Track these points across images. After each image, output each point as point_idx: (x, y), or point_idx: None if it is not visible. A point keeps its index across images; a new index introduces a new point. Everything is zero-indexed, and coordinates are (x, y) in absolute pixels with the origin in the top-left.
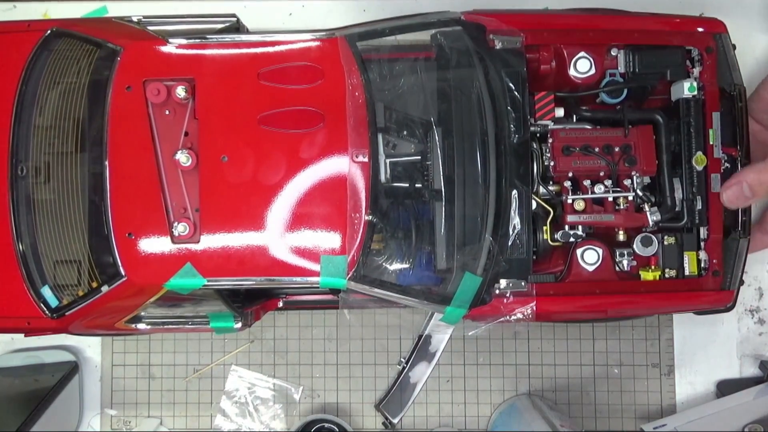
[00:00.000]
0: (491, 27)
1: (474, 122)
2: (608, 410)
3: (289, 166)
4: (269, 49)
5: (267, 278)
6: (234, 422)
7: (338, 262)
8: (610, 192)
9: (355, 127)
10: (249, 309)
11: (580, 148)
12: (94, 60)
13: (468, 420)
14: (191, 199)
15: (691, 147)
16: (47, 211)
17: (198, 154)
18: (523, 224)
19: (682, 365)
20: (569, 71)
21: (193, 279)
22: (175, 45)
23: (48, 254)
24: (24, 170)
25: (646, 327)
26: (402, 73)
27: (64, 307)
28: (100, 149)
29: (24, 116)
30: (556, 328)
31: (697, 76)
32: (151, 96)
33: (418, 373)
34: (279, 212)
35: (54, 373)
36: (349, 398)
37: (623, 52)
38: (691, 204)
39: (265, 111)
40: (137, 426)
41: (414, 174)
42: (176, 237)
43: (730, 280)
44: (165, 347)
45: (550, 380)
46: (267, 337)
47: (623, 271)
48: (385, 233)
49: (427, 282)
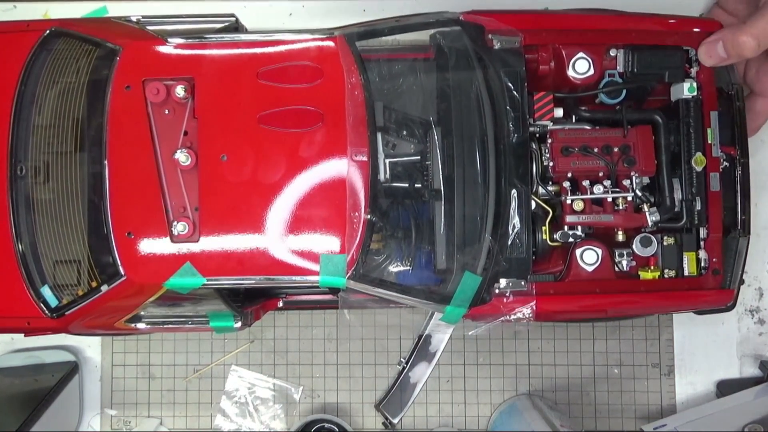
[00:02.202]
0: (490, 27)
1: (473, 122)
2: (608, 410)
3: (288, 165)
4: (269, 48)
5: (266, 277)
6: (234, 422)
7: (337, 262)
8: (609, 192)
9: (354, 126)
10: (249, 308)
11: (579, 148)
12: (93, 60)
13: (468, 420)
14: (190, 199)
15: (691, 147)
16: (47, 211)
17: (197, 153)
18: (523, 224)
19: (682, 365)
20: (568, 72)
21: (193, 278)
22: (174, 45)
23: (47, 254)
24: (23, 170)
25: (646, 327)
26: (401, 73)
27: (64, 306)
28: (99, 149)
29: (23, 116)
30: (556, 328)
31: (694, 76)
32: (151, 95)
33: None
34: (278, 211)
35: (54, 373)
36: (349, 398)
37: (622, 52)
38: (690, 204)
39: (265, 110)
40: (137, 426)
41: (413, 174)
42: (176, 236)
43: (731, 279)
44: (165, 347)
45: (550, 380)
46: (267, 337)
47: (622, 271)
48: (384, 232)
49: (427, 281)
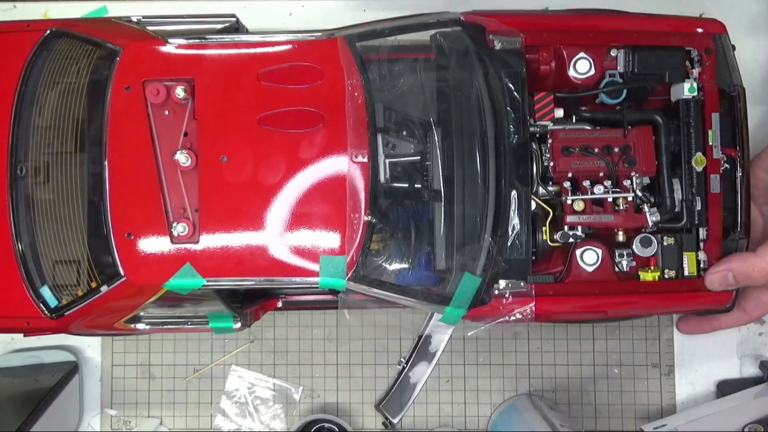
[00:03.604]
0: (491, 27)
1: (473, 123)
2: (608, 410)
3: (288, 166)
4: (269, 49)
5: (266, 278)
6: (234, 422)
7: (337, 263)
8: (609, 192)
9: (354, 127)
10: (248, 309)
11: (580, 148)
12: (93, 60)
13: (468, 420)
14: (190, 200)
15: (691, 148)
16: (46, 211)
17: (197, 154)
18: (523, 225)
19: (682, 365)
20: (569, 72)
21: (193, 279)
22: (174, 45)
23: (47, 254)
24: (23, 170)
25: (646, 327)
26: (401, 74)
27: (64, 307)
28: (99, 149)
29: (23, 116)
30: (556, 328)
31: (696, 77)
32: (151, 96)
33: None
34: (278, 212)
35: (54, 373)
36: (349, 398)
37: (623, 52)
38: (690, 205)
39: (265, 111)
40: (137, 426)
41: (413, 174)
42: (175, 237)
43: None
44: (165, 347)
45: (550, 380)
46: (267, 337)
47: (623, 271)
48: (384, 233)
49: (427, 282)
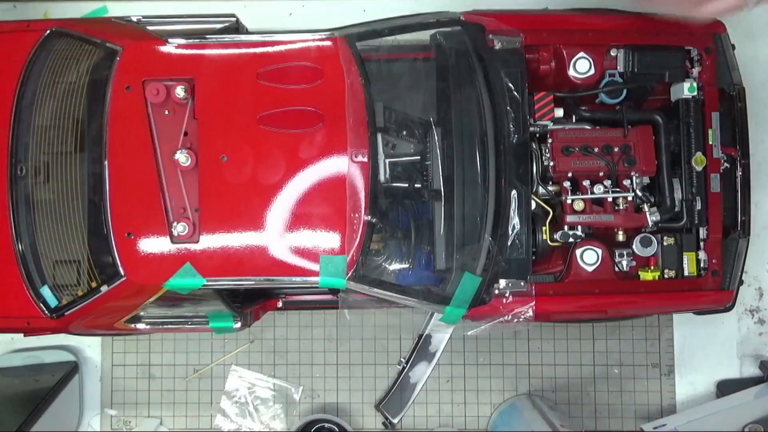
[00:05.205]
0: (491, 27)
1: (473, 122)
2: (608, 410)
3: (288, 166)
4: (269, 49)
5: (266, 278)
6: (234, 422)
7: (337, 262)
8: (609, 192)
9: (354, 127)
10: (248, 309)
11: (580, 148)
12: (93, 60)
13: (468, 420)
14: (190, 199)
15: (691, 147)
16: (47, 211)
17: (197, 154)
18: (523, 224)
19: (682, 365)
20: (569, 71)
21: (193, 279)
22: (174, 45)
23: (47, 254)
24: (23, 170)
25: (646, 327)
26: (401, 73)
27: (64, 307)
28: (99, 149)
29: (23, 116)
30: (556, 328)
31: (696, 77)
32: (151, 96)
33: (418, 373)
34: (278, 212)
35: (54, 373)
36: (349, 398)
37: (623, 52)
38: (690, 204)
39: (265, 111)
40: (137, 426)
41: (413, 174)
42: (176, 237)
43: (730, 280)
44: (165, 347)
45: (550, 380)
46: (267, 337)
47: (622, 271)
48: (384, 233)
49: (427, 282)
